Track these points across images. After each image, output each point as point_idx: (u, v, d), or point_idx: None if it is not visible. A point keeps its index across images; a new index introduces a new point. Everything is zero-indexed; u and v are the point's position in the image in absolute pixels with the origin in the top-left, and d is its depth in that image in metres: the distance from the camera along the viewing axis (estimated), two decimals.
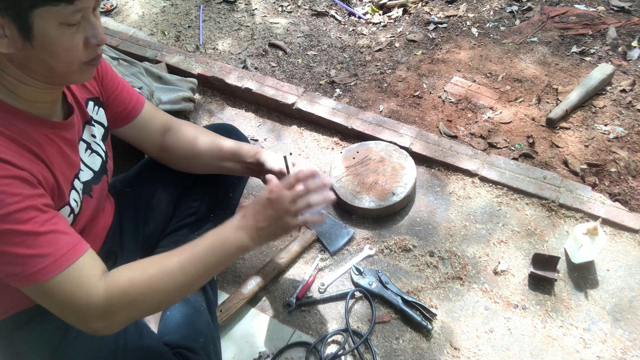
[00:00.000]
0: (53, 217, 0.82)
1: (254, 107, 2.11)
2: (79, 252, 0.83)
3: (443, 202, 1.70)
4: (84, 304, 0.82)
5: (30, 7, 0.73)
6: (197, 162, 1.28)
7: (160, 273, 0.89)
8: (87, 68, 0.87)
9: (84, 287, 0.82)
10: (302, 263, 1.56)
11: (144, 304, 0.88)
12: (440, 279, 1.50)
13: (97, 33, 0.83)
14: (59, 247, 0.80)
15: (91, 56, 0.85)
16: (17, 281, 0.79)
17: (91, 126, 1.07)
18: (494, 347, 1.35)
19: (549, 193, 1.65)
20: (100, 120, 1.11)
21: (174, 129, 1.26)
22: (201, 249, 0.94)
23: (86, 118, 1.05)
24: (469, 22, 2.62)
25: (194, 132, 1.28)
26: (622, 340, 1.34)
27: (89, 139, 1.06)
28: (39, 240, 0.78)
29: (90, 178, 1.04)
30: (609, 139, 1.92)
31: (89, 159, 1.05)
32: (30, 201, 0.78)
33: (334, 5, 2.90)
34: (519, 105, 2.12)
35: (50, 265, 0.79)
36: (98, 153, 1.08)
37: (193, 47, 2.63)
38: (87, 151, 1.05)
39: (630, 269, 1.48)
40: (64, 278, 0.80)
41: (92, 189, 1.05)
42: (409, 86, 2.27)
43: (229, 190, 1.44)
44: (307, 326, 1.41)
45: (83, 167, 1.02)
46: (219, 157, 1.26)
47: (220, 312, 1.39)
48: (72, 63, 0.82)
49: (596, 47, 2.35)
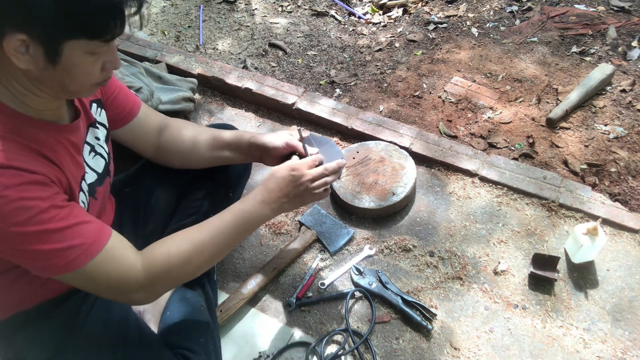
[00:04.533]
0: (73, 210, 0.86)
1: (254, 107, 2.11)
2: (106, 236, 0.89)
3: (443, 202, 1.70)
4: (124, 280, 0.91)
5: (65, 37, 0.75)
6: (194, 155, 1.28)
7: (193, 247, 0.98)
8: (97, 87, 0.91)
9: (123, 265, 0.90)
10: (302, 263, 1.56)
11: (180, 274, 0.99)
12: (440, 279, 1.50)
13: (115, 59, 0.86)
14: (87, 236, 0.86)
15: (104, 78, 0.87)
16: (55, 271, 0.84)
17: (95, 128, 1.08)
18: (494, 347, 1.35)
19: (549, 193, 1.65)
20: (103, 122, 1.12)
21: (168, 127, 1.27)
22: (229, 223, 1.04)
23: (90, 120, 1.06)
24: (469, 22, 2.62)
25: (189, 127, 1.30)
26: (622, 340, 1.34)
27: (93, 141, 1.06)
28: (67, 233, 0.83)
29: (94, 180, 1.05)
30: (609, 139, 1.92)
31: (93, 161, 1.06)
32: (50, 202, 0.81)
33: (334, 5, 2.90)
34: (519, 105, 2.12)
35: (83, 253, 0.85)
36: (101, 155, 1.09)
37: (193, 47, 2.63)
38: (90, 153, 1.05)
39: (630, 269, 1.48)
40: (101, 260, 0.87)
41: (97, 190, 1.06)
42: (409, 86, 2.27)
43: (229, 190, 1.44)
44: (307, 326, 1.41)
45: (87, 170, 1.03)
46: (216, 147, 1.27)
47: (220, 312, 1.39)
48: (85, 84, 0.85)
49: (596, 47, 2.34)
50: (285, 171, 1.08)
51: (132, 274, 0.91)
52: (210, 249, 1.01)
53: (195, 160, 1.30)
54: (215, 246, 1.02)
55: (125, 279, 0.91)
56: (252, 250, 1.61)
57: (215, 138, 1.27)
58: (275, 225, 1.67)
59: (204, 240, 1.00)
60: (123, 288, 0.92)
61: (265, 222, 1.11)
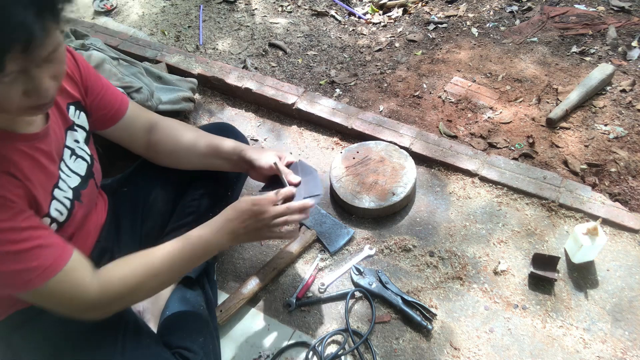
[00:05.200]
0: (33, 233, 0.86)
1: (254, 107, 2.11)
2: (65, 258, 0.90)
3: (443, 202, 1.70)
4: (80, 300, 0.92)
5: None
6: (182, 158, 1.29)
7: (147, 272, 1.00)
8: (34, 111, 0.83)
9: (78, 287, 0.92)
10: (302, 263, 1.56)
11: (135, 296, 1.02)
12: (440, 279, 1.50)
13: (35, 88, 0.76)
14: (45, 258, 0.87)
15: (34, 104, 0.79)
16: (12, 290, 0.88)
17: (73, 131, 1.07)
18: (494, 347, 1.35)
19: (549, 193, 1.65)
20: (82, 124, 1.10)
21: (158, 127, 1.27)
22: (185, 249, 1.05)
23: (68, 124, 1.05)
24: (469, 22, 2.62)
25: (179, 128, 1.29)
26: (622, 340, 1.34)
27: (73, 144, 1.05)
28: (24, 256, 0.84)
29: (78, 184, 1.05)
30: (609, 139, 1.92)
31: (75, 164, 1.05)
32: (9, 223, 0.82)
33: (334, 5, 2.90)
34: (519, 105, 2.12)
35: (40, 274, 0.86)
36: (83, 158, 1.08)
37: (193, 47, 2.63)
38: (72, 157, 1.04)
39: (630, 269, 1.48)
40: (57, 281, 0.88)
41: (82, 194, 1.06)
42: (409, 86, 2.27)
43: (227, 189, 1.44)
44: (307, 326, 1.41)
45: (70, 174, 1.03)
46: (204, 154, 1.28)
47: (220, 312, 1.39)
48: (9, 108, 0.78)
49: (596, 47, 2.34)
50: (247, 204, 1.10)
51: (86, 296, 0.92)
52: (165, 275, 1.03)
53: (185, 163, 1.31)
54: (171, 272, 1.04)
55: (80, 300, 0.92)
56: (252, 250, 1.61)
57: (212, 147, 1.27)
58: None
59: (159, 267, 1.01)
60: (77, 307, 0.94)
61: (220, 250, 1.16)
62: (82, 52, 1.72)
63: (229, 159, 1.28)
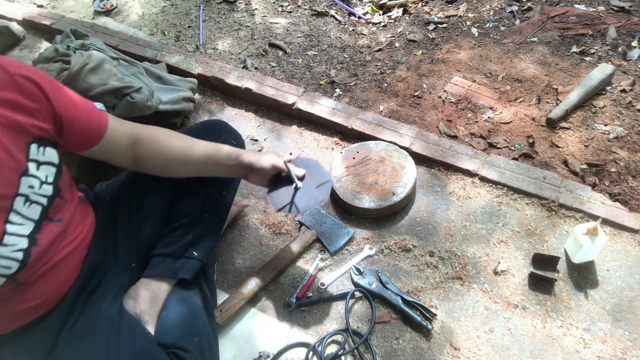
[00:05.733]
0: None
1: (254, 107, 2.11)
2: None
3: (443, 202, 1.70)
4: None
5: None
6: (175, 168, 1.26)
7: None
8: None
9: None
10: (302, 263, 1.56)
11: None
12: (440, 279, 1.50)
13: None
14: None
15: None
16: None
17: (28, 177, 0.97)
18: (494, 347, 1.35)
19: (549, 193, 1.65)
20: (49, 161, 1.01)
21: (142, 140, 1.20)
22: None
23: (22, 170, 0.95)
24: (469, 22, 2.62)
25: (165, 139, 1.23)
26: (622, 340, 1.34)
27: (27, 191, 0.97)
28: None
29: (32, 229, 0.99)
30: (609, 139, 1.92)
31: (29, 210, 0.98)
32: None
33: (334, 5, 2.90)
34: (519, 105, 2.12)
35: None
36: (38, 202, 1.01)
37: (193, 47, 2.63)
38: (25, 204, 0.97)
39: (630, 269, 1.48)
40: None
41: (37, 238, 1.01)
42: (409, 86, 2.27)
43: (222, 189, 1.43)
44: (307, 326, 1.41)
45: (23, 221, 0.97)
46: (198, 163, 1.24)
47: (220, 312, 1.39)
48: None
49: (596, 47, 2.35)
50: None
51: None
52: None
53: (179, 172, 1.28)
54: None
55: None
56: (252, 250, 1.61)
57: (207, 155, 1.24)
58: (275, 225, 1.67)
59: None
60: None
61: None
62: (82, 52, 1.72)
63: (226, 165, 1.25)
